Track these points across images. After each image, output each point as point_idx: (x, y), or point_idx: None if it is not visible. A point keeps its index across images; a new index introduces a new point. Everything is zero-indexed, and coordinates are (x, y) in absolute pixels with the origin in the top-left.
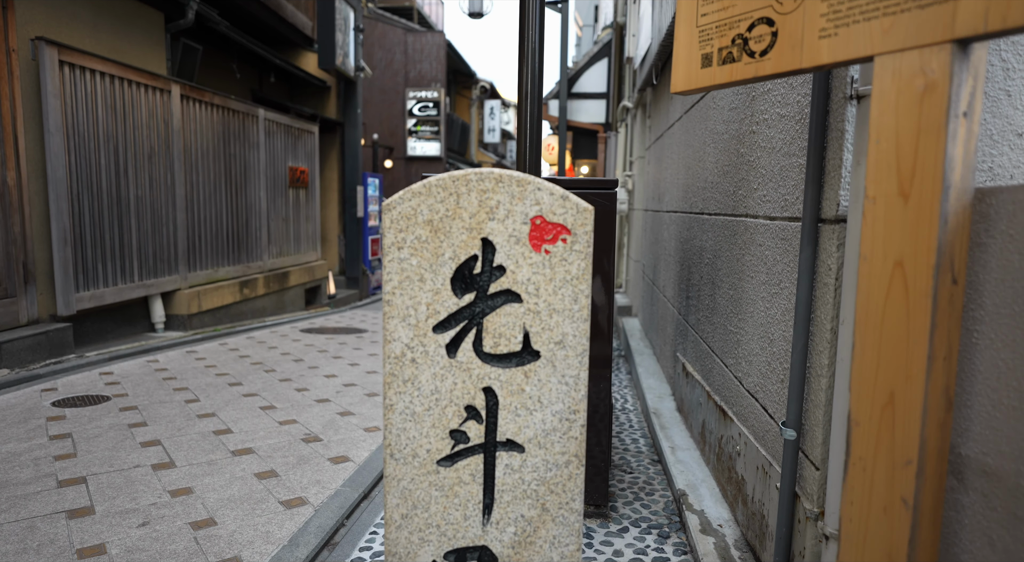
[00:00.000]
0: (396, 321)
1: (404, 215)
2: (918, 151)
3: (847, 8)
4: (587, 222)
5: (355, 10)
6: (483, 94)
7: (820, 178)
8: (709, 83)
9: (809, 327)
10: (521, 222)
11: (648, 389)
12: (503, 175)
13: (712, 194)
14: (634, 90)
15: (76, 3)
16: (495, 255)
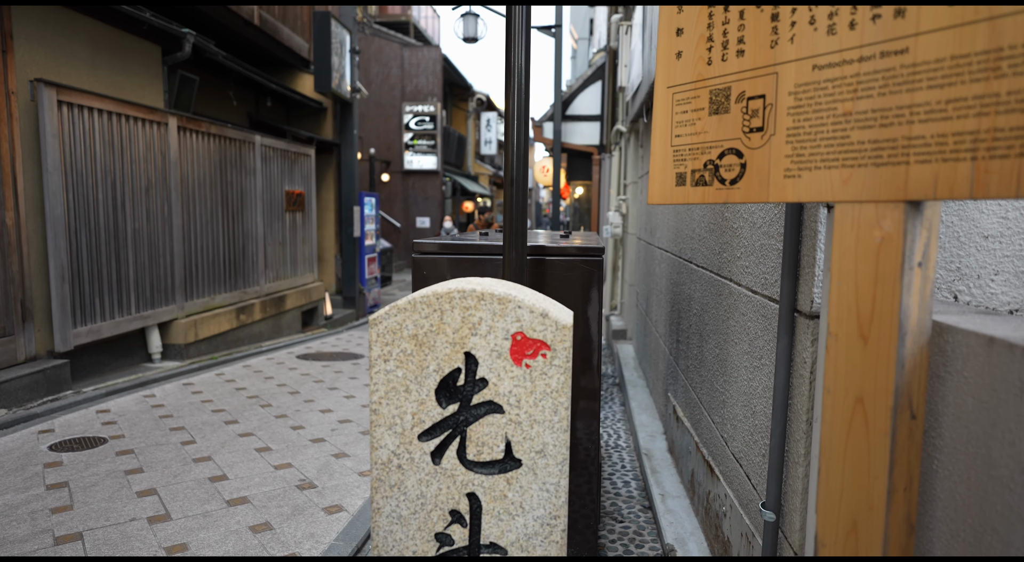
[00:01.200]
0: (383, 429)
1: (390, 330)
2: (875, 298)
3: (809, 153)
4: (565, 339)
5: (351, 33)
6: (479, 106)
7: (796, 271)
8: (683, 200)
9: (787, 413)
10: (502, 337)
11: (640, 426)
12: (484, 293)
13: (699, 247)
14: (627, 115)
15: (75, 42)
16: (478, 368)
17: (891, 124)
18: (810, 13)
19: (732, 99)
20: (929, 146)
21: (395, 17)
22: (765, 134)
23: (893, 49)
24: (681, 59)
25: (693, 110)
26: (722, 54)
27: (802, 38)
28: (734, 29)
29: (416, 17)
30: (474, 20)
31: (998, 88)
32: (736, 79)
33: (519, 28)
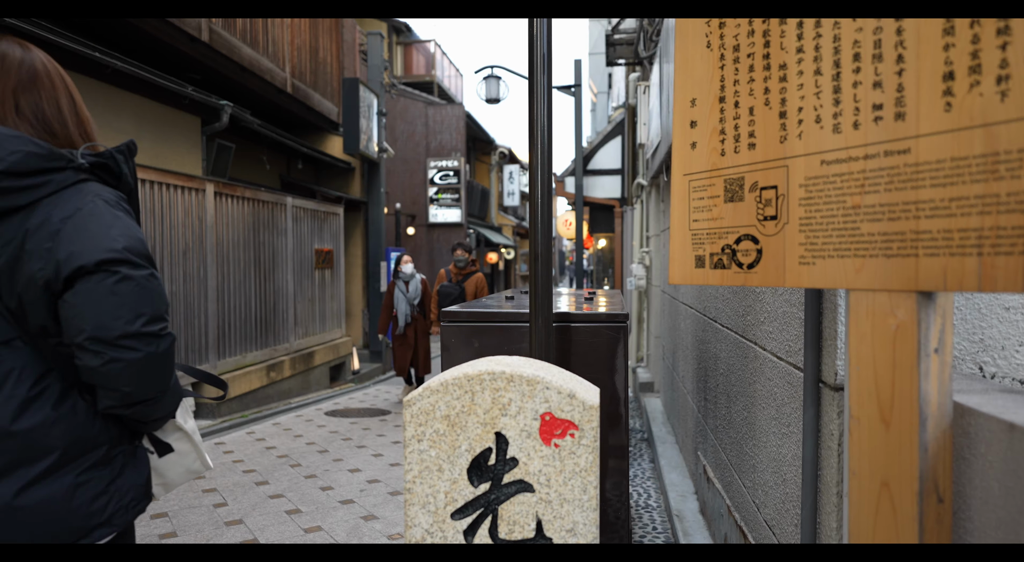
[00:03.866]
0: (417, 508)
1: (423, 410)
2: (895, 384)
3: (822, 242)
4: (593, 418)
5: (378, 96)
6: (502, 160)
7: (818, 343)
8: (703, 282)
9: (817, 485)
10: (532, 418)
11: (671, 485)
12: (514, 375)
13: (724, 307)
14: (647, 171)
15: (121, 118)
16: (508, 448)
17: (899, 218)
18: (816, 112)
19: (746, 188)
20: (936, 241)
21: (420, 77)
22: (779, 222)
23: (896, 149)
24: (696, 149)
25: (709, 197)
26: (735, 146)
27: (809, 135)
28: (745, 124)
29: (440, 77)
30: (496, 82)
31: (998, 189)
32: (749, 170)
33: (541, 96)
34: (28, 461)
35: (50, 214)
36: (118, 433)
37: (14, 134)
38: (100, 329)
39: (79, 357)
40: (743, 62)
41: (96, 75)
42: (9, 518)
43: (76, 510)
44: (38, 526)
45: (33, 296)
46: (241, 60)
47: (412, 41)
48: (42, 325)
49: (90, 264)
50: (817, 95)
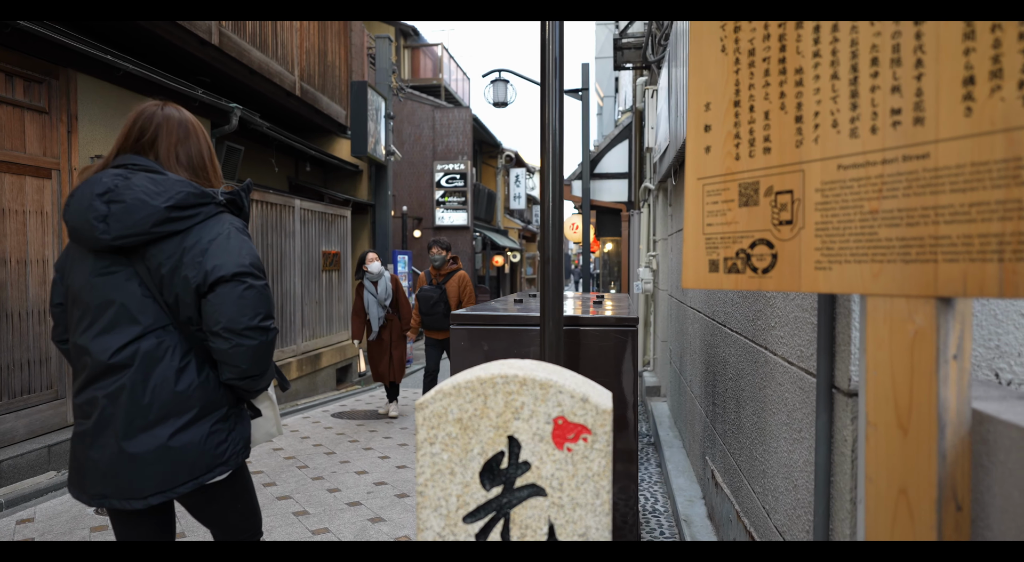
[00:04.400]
0: (428, 511)
1: (436, 414)
2: (912, 391)
3: (838, 247)
4: (606, 423)
5: (386, 100)
6: (508, 163)
7: (831, 348)
8: (717, 286)
9: (830, 491)
10: (544, 422)
11: (678, 490)
12: (527, 378)
13: (733, 312)
14: (655, 175)
15: None
16: (520, 451)
17: (917, 223)
18: (832, 117)
19: (761, 193)
20: (956, 246)
21: (427, 81)
22: (794, 227)
23: (915, 153)
24: (710, 153)
25: (723, 201)
26: (749, 151)
27: (826, 139)
28: (760, 128)
29: (447, 80)
30: (503, 86)
31: (1019, 194)
32: (764, 174)
33: (552, 99)
34: (177, 413)
35: (200, 237)
36: (232, 398)
37: (178, 179)
38: (231, 322)
39: (213, 341)
40: (758, 66)
41: (108, 78)
42: (164, 454)
43: (207, 451)
44: (182, 461)
45: (186, 295)
46: (250, 63)
47: (419, 45)
48: (189, 316)
49: (227, 274)
50: (834, 99)
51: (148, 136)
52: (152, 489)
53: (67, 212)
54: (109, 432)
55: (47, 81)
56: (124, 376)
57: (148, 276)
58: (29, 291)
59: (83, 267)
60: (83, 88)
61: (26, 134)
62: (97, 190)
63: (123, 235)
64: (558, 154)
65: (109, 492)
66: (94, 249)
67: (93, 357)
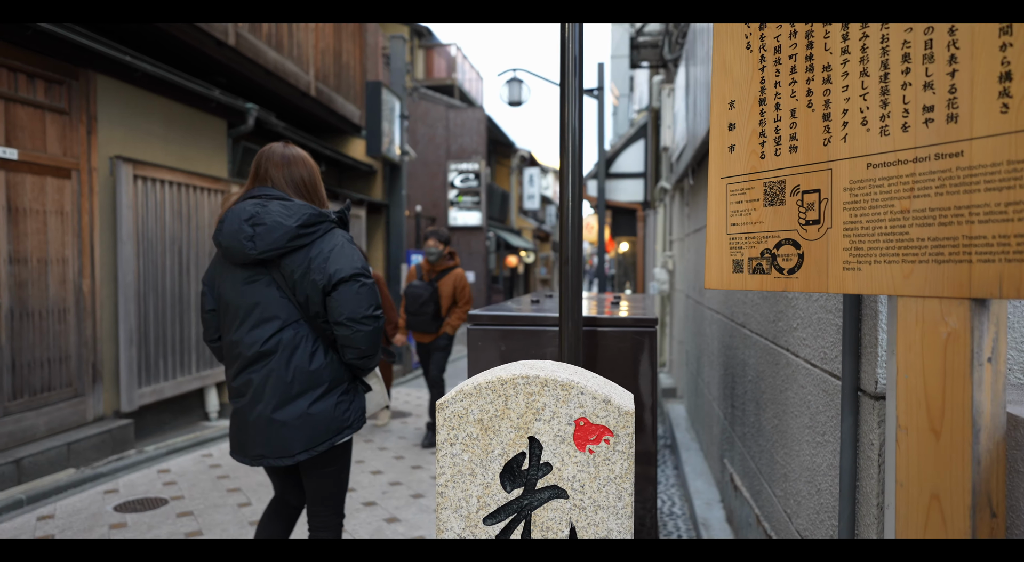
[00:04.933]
0: (449, 512)
1: (456, 414)
2: (945, 394)
3: (868, 247)
4: (628, 425)
5: (400, 100)
6: (522, 163)
7: (857, 350)
8: (741, 287)
9: (855, 495)
10: (566, 423)
11: (696, 493)
12: (548, 379)
13: (753, 313)
14: (671, 173)
15: (150, 121)
16: (542, 453)
17: (951, 223)
18: (862, 115)
19: (787, 192)
20: (991, 246)
21: (441, 80)
22: (822, 227)
23: (948, 152)
24: (734, 152)
25: (748, 201)
26: (775, 149)
27: (855, 137)
28: (786, 126)
29: (460, 80)
30: (518, 85)
31: None
32: (790, 173)
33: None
34: (313, 387)
35: (322, 248)
36: (350, 375)
37: (302, 203)
38: (352, 313)
39: (337, 330)
40: (784, 63)
41: (126, 79)
42: (306, 420)
43: (336, 417)
44: (318, 425)
45: (314, 294)
46: (266, 64)
47: (433, 44)
48: (316, 311)
49: (346, 276)
50: (863, 97)
51: (262, 170)
52: (299, 448)
53: (219, 234)
54: (262, 405)
55: (68, 82)
56: (271, 361)
57: (283, 281)
58: (49, 290)
59: (231, 278)
60: (102, 89)
61: (47, 135)
62: (243, 216)
63: (266, 250)
64: (577, 154)
65: (266, 453)
66: (242, 263)
67: (245, 348)
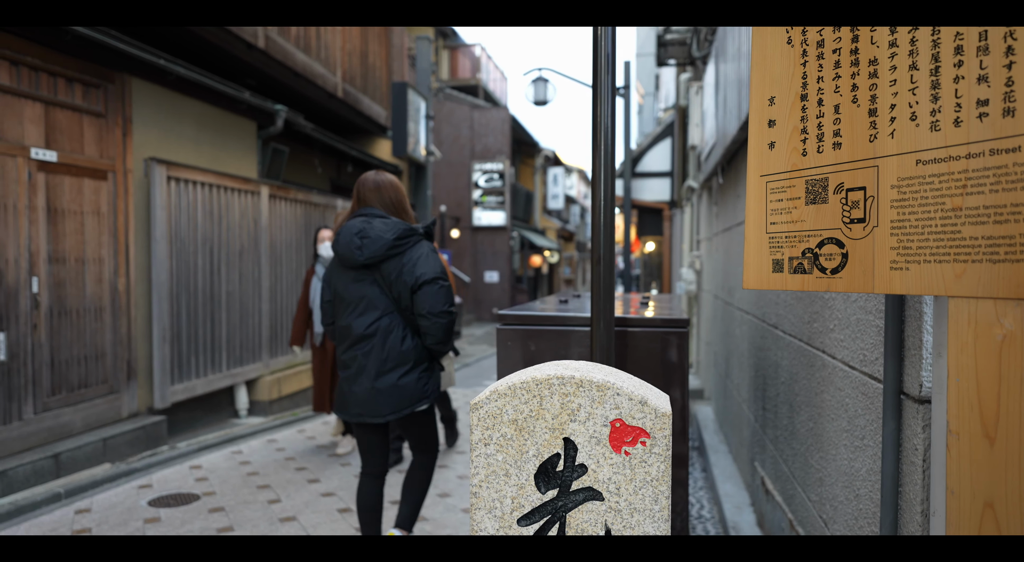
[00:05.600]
0: (483, 513)
1: (490, 414)
2: (1000, 398)
3: (916, 246)
4: (665, 427)
5: (426, 100)
6: (546, 163)
7: (900, 352)
8: (781, 287)
9: (898, 502)
10: (601, 424)
11: (725, 496)
12: (583, 380)
13: (786, 313)
14: (699, 172)
15: (183, 123)
16: (577, 454)
17: (1007, 221)
18: (911, 110)
19: (830, 190)
20: None
21: (465, 81)
22: (867, 225)
23: (1004, 147)
24: (774, 149)
25: (788, 199)
26: (817, 146)
27: (903, 133)
28: (829, 122)
29: (485, 80)
30: (544, 84)
31: None
32: (834, 171)
33: (604, 100)
34: (402, 364)
35: (412, 256)
36: (428, 356)
37: (398, 220)
38: (432, 308)
39: (420, 321)
40: (828, 58)
41: (160, 82)
42: (395, 389)
43: (418, 389)
44: (404, 394)
45: (405, 292)
46: (295, 66)
47: (458, 45)
48: (406, 305)
49: (429, 279)
50: (912, 91)
51: (361, 195)
52: (388, 411)
53: (336, 244)
54: (364, 376)
55: (104, 86)
56: (373, 341)
57: (382, 281)
58: (86, 289)
59: (344, 277)
60: (137, 92)
61: (84, 137)
62: (353, 231)
63: (370, 257)
64: (610, 153)
65: (364, 412)
66: (352, 267)
67: (353, 331)
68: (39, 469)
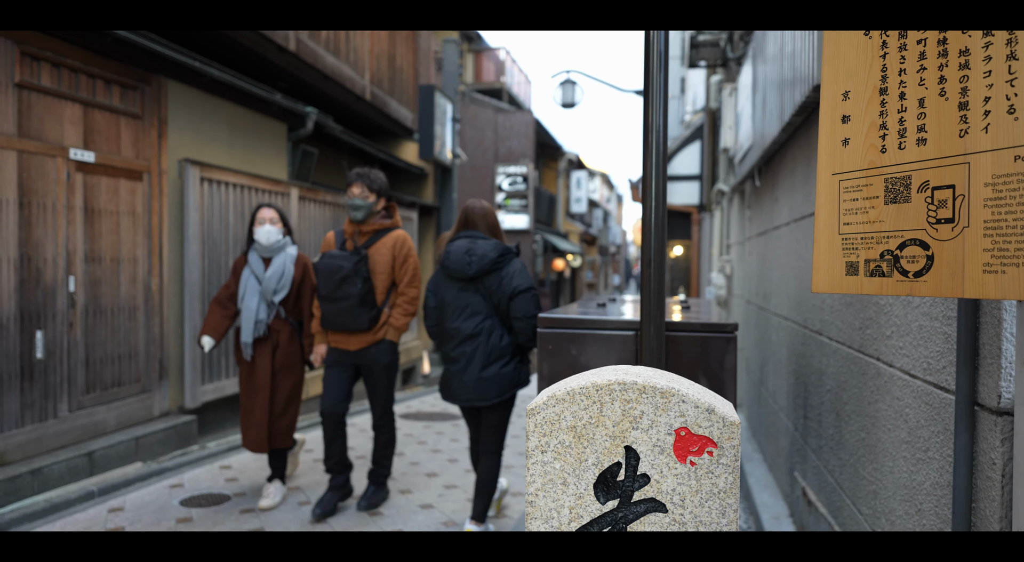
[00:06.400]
0: (539, 522)
1: (548, 420)
2: None
3: (1014, 249)
4: (734, 436)
5: (452, 102)
6: (569, 166)
7: (974, 361)
8: (856, 291)
9: (970, 518)
10: (665, 433)
11: (762, 506)
12: (646, 386)
13: (833, 319)
14: (730, 175)
15: (216, 125)
16: (639, 463)
17: None
18: (1008, 102)
19: (913, 188)
20: None
21: (489, 84)
22: (956, 226)
23: None
24: (848, 146)
25: (865, 198)
26: (899, 142)
27: (999, 127)
28: (912, 117)
29: (509, 84)
30: (572, 86)
31: None
32: (918, 168)
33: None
34: (502, 357)
35: (509, 270)
36: (521, 351)
37: (496, 241)
38: (524, 312)
39: (515, 322)
40: (911, 49)
41: (195, 84)
42: (498, 378)
43: (515, 377)
44: (505, 381)
45: (503, 300)
46: (324, 68)
47: (482, 48)
48: (504, 309)
49: (523, 289)
50: (1010, 82)
51: (469, 219)
52: (493, 395)
53: (447, 260)
54: (472, 367)
55: (140, 88)
56: (479, 339)
57: (484, 290)
58: (121, 288)
59: (452, 287)
60: (172, 94)
61: (121, 138)
62: (463, 250)
63: (478, 271)
64: (661, 154)
65: (471, 398)
66: (460, 279)
67: (462, 331)
68: (73, 467)
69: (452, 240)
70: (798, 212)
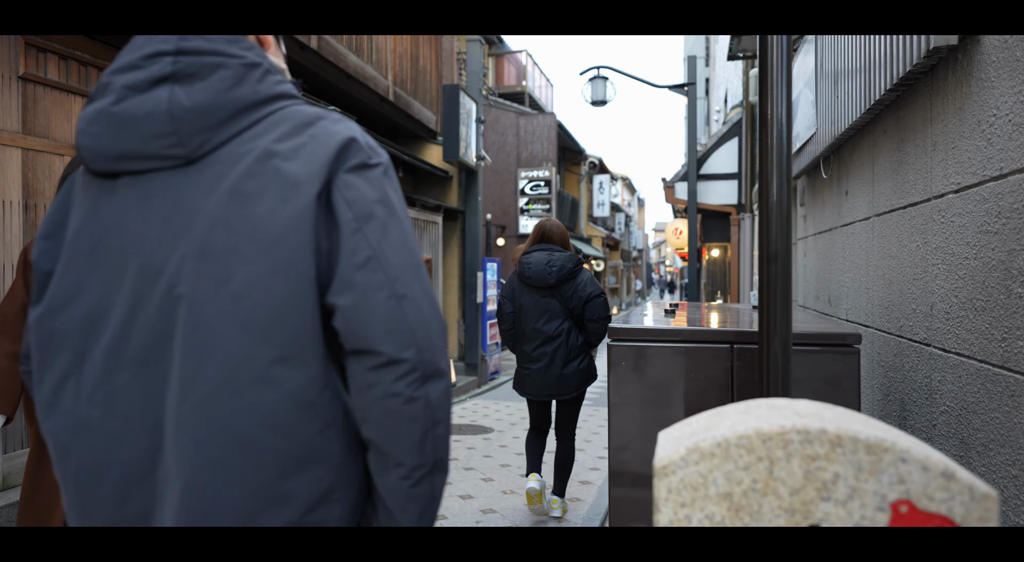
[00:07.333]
0: None
1: (689, 484)
2: None
3: None
4: (990, 517)
5: (477, 103)
6: (592, 170)
7: None
8: None
9: None
10: (875, 507)
11: None
12: (841, 436)
13: (951, 327)
14: None
15: None
16: None
17: None
18: None
19: None
20: None
21: (511, 88)
22: None
23: None
24: None
25: None
26: None
27: None
28: None
29: (530, 87)
30: (603, 83)
31: None
32: None
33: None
34: (579, 355)
35: (581, 278)
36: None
37: (569, 253)
38: (597, 315)
39: (588, 324)
40: None
41: None
42: (576, 373)
43: (590, 371)
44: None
45: (577, 305)
46: (346, 67)
47: (503, 52)
48: (579, 315)
49: (596, 294)
50: None
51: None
52: (572, 388)
53: (528, 270)
54: (554, 366)
55: None
56: (559, 340)
57: (560, 297)
58: None
59: (531, 294)
60: None
61: None
62: (544, 261)
63: (558, 280)
64: (784, 143)
65: (551, 393)
66: (539, 287)
67: (543, 333)
68: None
69: (528, 252)
70: (884, 205)
